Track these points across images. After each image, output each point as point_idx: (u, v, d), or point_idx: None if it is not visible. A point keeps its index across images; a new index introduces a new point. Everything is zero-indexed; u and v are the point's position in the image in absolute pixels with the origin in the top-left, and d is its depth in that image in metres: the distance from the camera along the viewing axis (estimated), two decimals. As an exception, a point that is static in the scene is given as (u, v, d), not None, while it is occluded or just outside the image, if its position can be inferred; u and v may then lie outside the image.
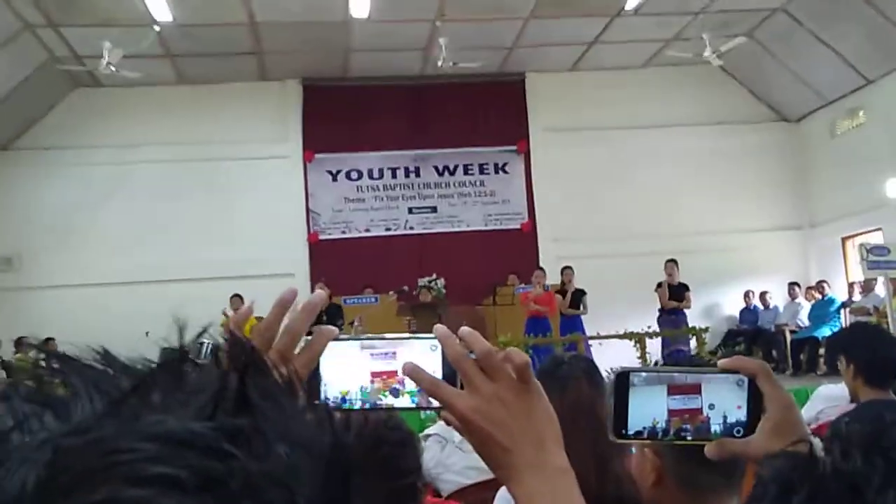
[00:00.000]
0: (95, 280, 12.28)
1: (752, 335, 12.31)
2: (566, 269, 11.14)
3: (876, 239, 11.95)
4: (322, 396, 0.88)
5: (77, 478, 0.35)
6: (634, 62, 13.67)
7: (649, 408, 0.95)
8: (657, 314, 10.90)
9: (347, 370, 0.89)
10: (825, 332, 11.11)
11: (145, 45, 10.94)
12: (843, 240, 13.33)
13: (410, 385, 0.89)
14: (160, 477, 0.35)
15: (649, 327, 10.34)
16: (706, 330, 10.29)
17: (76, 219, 12.57)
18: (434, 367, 0.91)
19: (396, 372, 0.90)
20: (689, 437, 0.95)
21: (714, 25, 11.47)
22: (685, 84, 13.60)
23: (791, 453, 0.65)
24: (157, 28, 10.91)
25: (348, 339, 0.90)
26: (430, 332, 0.88)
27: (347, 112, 13.30)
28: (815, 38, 11.99)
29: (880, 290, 9.77)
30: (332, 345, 0.86)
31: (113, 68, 10.73)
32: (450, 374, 0.86)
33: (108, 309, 11.86)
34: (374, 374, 0.90)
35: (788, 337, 11.75)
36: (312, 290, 11.81)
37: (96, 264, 12.36)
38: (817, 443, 0.64)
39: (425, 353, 0.90)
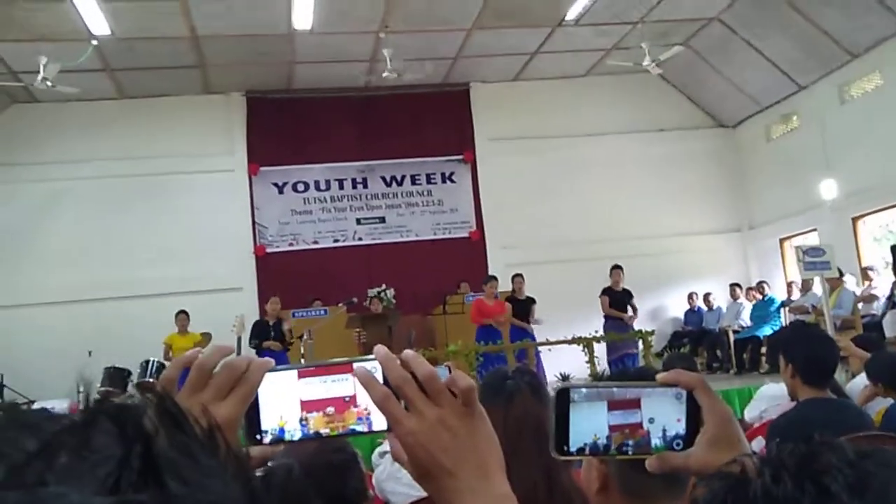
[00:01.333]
0: (38, 300, 11.95)
1: (696, 336, 12.56)
2: (516, 277, 11.21)
3: (812, 239, 12.35)
4: (261, 429, 0.87)
5: None
6: (576, 71, 13.90)
7: (590, 424, 0.95)
8: (603, 318, 11.04)
9: (285, 401, 0.88)
10: (766, 331, 11.40)
11: (83, 59, 10.73)
12: (781, 241, 13.73)
13: (353, 414, 0.88)
14: None
15: (596, 331, 10.49)
16: (652, 333, 10.47)
17: (16, 238, 12.23)
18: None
19: (339, 400, 0.88)
20: (630, 452, 0.95)
21: (652, 35, 11.73)
22: (626, 92, 13.87)
23: (725, 474, 0.64)
24: (94, 42, 10.70)
25: (285, 369, 0.89)
26: (381, 342, 0.89)
27: (293, 124, 13.23)
28: (749, 46, 12.35)
29: (818, 289, 10.07)
30: (269, 376, 0.87)
31: (49, 83, 10.47)
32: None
33: (53, 329, 11.61)
34: (314, 403, 0.88)
35: (731, 337, 12.02)
36: (261, 303, 11.75)
37: (39, 284, 12.04)
38: (749, 464, 0.65)
39: (379, 374, 0.88)
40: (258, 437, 0.88)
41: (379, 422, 0.87)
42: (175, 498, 0.36)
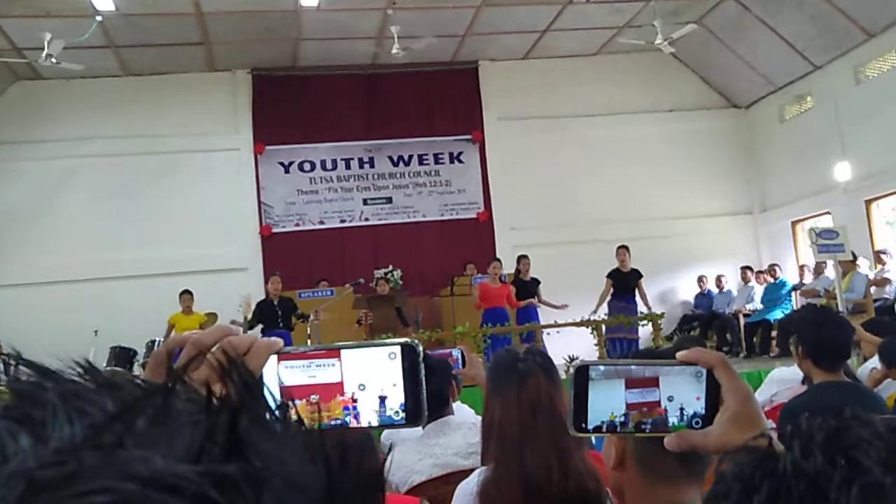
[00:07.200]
0: (43, 279, 11.95)
1: (706, 319, 12.46)
2: (522, 259, 11.12)
3: (824, 222, 12.19)
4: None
5: None
6: (587, 50, 13.72)
7: (608, 401, 0.96)
8: (609, 299, 10.88)
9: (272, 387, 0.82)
10: (777, 314, 11.31)
11: (87, 35, 10.65)
12: (793, 223, 13.57)
13: (339, 404, 0.83)
14: None
15: (606, 314, 10.40)
16: (662, 316, 10.36)
17: (19, 217, 12.20)
18: (394, 378, 0.84)
19: (324, 386, 0.82)
20: (647, 430, 0.96)
21: (665, 13, 11.53)
22: (637, 71, 13.70)
23: (752, 449, 0.64)
24: (99, 18, 10.62)
25: (285, 351, 0.83)
26: (388, 323, 0.83)
27: (299, 103, 13.11)
28: (763, 25, 12.15)
29: (830, 272, 9.95)
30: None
31: (54, 60, 10.39)
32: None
33: (57, 307, 11.60)
34: (296, 390, 0.82)
35: (742, 320, 11.92)
36: (266, 283, 11.67)
37: (42, 262, 12.04)
38: (776, 439, 0.64)
39: (383, 363, 0.83)
40: None
41: (366, 414, 0.83)
42: (256, 471, 0.35)
